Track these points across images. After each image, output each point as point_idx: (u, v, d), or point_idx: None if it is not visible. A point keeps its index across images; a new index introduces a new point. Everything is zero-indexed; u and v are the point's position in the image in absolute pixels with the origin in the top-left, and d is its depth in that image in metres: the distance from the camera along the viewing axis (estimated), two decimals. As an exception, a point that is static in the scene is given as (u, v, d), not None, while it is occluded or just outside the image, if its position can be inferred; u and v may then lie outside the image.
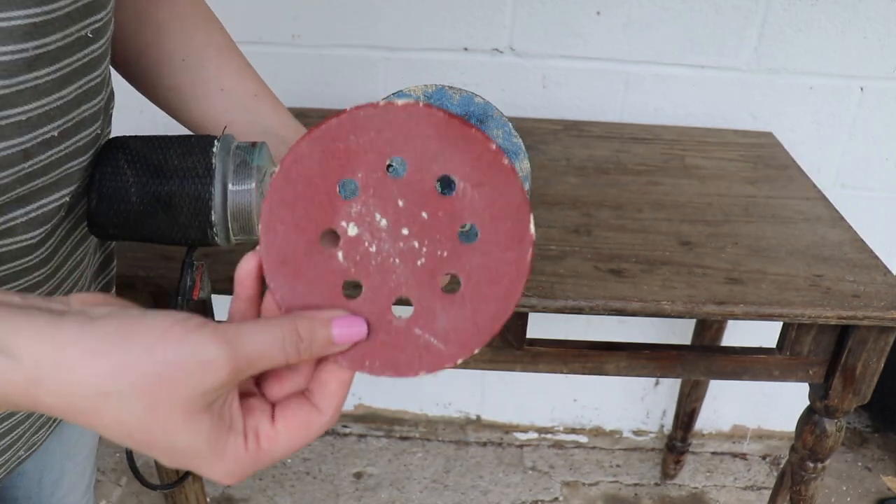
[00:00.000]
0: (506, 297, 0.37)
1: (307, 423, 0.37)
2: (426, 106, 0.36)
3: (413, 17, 1.23)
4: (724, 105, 1.28)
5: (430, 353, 0.37)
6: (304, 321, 0.36)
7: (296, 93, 1.29)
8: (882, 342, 0.86)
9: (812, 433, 0.94)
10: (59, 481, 0.67)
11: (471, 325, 0.37)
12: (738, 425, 1.67)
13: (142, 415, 0.33)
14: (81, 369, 0.32)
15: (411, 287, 0.37)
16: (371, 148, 0.36)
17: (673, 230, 0.95)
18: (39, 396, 0.32)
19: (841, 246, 0.93)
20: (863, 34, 1.21)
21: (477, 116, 0.51)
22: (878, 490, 1.59)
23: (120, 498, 1.52)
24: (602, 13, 1.21)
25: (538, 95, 1.29)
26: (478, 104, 0.51)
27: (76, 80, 0.46)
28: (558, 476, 1.61)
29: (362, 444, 1.66)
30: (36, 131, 0.44)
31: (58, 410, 0.33)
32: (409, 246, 0.37)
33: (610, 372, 0.91)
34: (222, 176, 0.50)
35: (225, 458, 0.35)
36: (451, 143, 0.36)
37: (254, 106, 0.59)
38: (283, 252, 0.37)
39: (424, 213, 0.37)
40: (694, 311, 0.82)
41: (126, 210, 0.50)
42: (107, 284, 0.63)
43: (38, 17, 0.41)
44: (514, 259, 0.37)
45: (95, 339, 0.32)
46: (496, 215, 0.36)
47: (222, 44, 0.61)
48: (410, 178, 0.36)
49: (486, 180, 0.36)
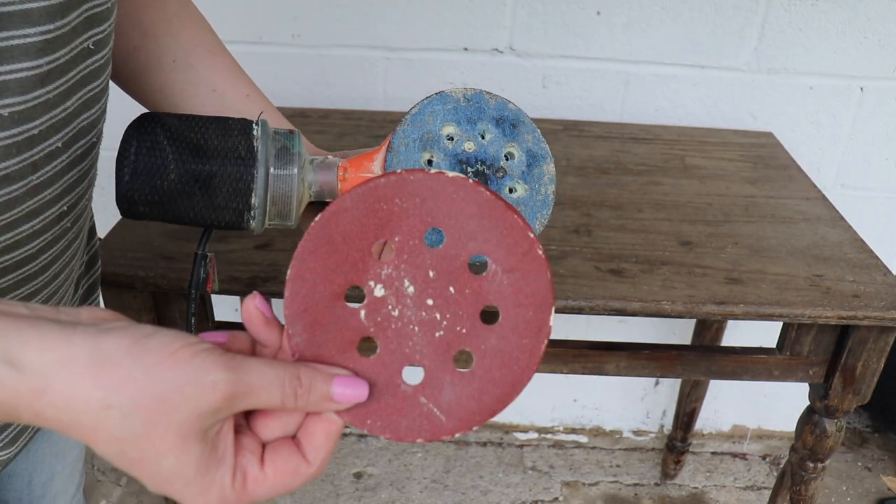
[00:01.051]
0: (514, 382, 0.37)
1: (295, 471, 0.37)
2: (475, 183, 0.36)
3: (413, 17, 1.23)
4: (724, 105, 1.28)
5: (430, 422, 0.37)
6: (308, 369, 0.37)
7: (296, 93, 1.29)
8: (882, 342, 0.86)
9: (812, 433, 0.94)
10: (49, 483, 0.67)
11: (475, 403, 0.37)
12: (738, 425, 1.67)
13: (139, 432, 0.33)
14: (87, 382, 0.32)
15: (425, 356, 0.38)
16: (414, 214, 0.37)
17: (673, 230, 0.95)
18: (43, 409, 0.32)
19: (841, 246, 0.93)
20: (863, 34, 1.21)
21: (510, 121, 0.52)
22: (878, 490, 1.59)
23: (120, 498, 1.52)
24: (602, 13, 1.21)
25: (538, 95, 1.29)
26: (511, 110, 0.52)
27: (78, 91, 0.47)
28: (558, 476, 1.61)
29: (362, 444, 1.66)
30: (44, 143, 0.44)
31: (59, 423, 0.33)
32: (431, 317, 0.37)
33: (610, 372, 0.91)
34: (265, 159, 0.49)
35: (211, 490, 0.35)
36: (492, 225, 0.37)
37: (246, 106, 0.59)
38: (307, 300, 0.38)
39: (452, 287, 0.37)
40: (694, 311, 0.82)
41: (162, 188, 0.49)
42: (92, 285, 0.64)
43: (51, 34, 0.42)
44: (529, 347, 0.37)
45: (104, 353, 0.32)
46: (521, 302, 0.37)
47: (213, 45, 0.61)
48: (445, 252, 0.37)
49: (518, 267, 0.37)
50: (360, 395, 0.37)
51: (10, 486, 0.64)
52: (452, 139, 0.51)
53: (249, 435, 0.37)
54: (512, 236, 0.37)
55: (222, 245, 0.86)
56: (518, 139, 0.52)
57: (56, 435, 0.65)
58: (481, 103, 0.52)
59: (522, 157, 0.52)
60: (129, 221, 0.91)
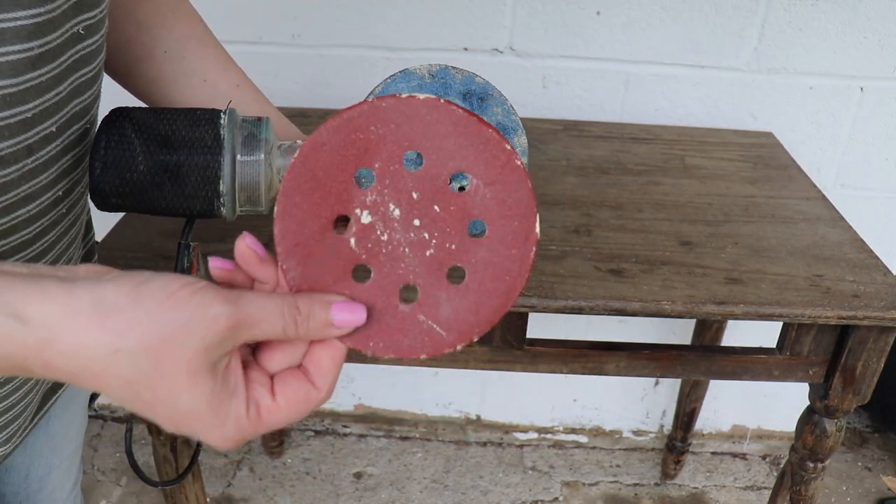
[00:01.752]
0: (507, 291, 0.38)
1: (306, 398, 0.38)
2: (447, 102, 0.37)
3: (413, 17, 1.23)
4: (724, 105, 1.28)
5: (431, 338, 0.39)
6: (305, 298, 0.38)
7: (296, 93, 1.29)
8: (882, 342, 0.86)
9: (812, 433, 0.94)
10: (46, 477, 0.68)
11: (472, 315, 0.38)
12: (737, 425, 1.67)
13: (149, 372, 0.34)
14: (93, 329, 0.33)
15: (419, 275, 0.39)
16: (391, 140, 0.37)
17: (673, 230, 0.95)
18: (52, 359, 0.33)
19: (841, 246, 0.93)
20: (863, 34, 1.21)
21: (478, 94, 0.52)
22: (878, 490, 1.60)
23: (120, 498, 1.52)
24: (602, 13, 1.21)
25: (538, 95, 1.29)
26: (479, 83, 0.52)
27: (70, 76, 0.47)
28: (558, 476, 1.61)
29: (362, 444, 1.66)
30: (38, 127, 0.45)
31: (68, 373, 0.34)
32: (420, 237, 0.38)
33: (610, 372, 0.91)
34: (231, 147, 0.50)
35: (227, 423, 0.36)
36: (469, 142, 0.37)
37: (237, 96, 0.60)
38: (297, 235, 0.39)
39: (437, 206, 0.38)
40: (694, 311, 0.82)
41: (132, 179, 0.50)
42: None
43: (41, 17, 0.42)
44: (519, 256, 0.38)
45: (107, 301, 0.34)
46: (505, 213, 0.38)
47: (204, 36, 0.62)
48: (426, 173, 0.38)
49: (499, 179, 0.37)
50: (359, 319, 0.38)
51: (7, 479, 0.64)
52: None
53: (257, 369, 0.38)
54: (489, 150, 0.37)
55: (221, 245, 0.86)
56: (487, 112, 0.52)
57: (53, 429, 0.65)
58: (447, 78, 0.52)
59: None
60: (129, 221, 0.91)
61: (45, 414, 0.61)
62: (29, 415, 0.56)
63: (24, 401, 0.54)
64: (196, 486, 1.06)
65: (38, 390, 0.56)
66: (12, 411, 0.53)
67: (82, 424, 0.72)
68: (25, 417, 0.55)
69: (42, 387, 0.57)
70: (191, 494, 1.06)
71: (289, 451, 1.64)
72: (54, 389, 0.61)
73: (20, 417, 0.54)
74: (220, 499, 1.53)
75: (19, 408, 0.54)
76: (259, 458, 1.62)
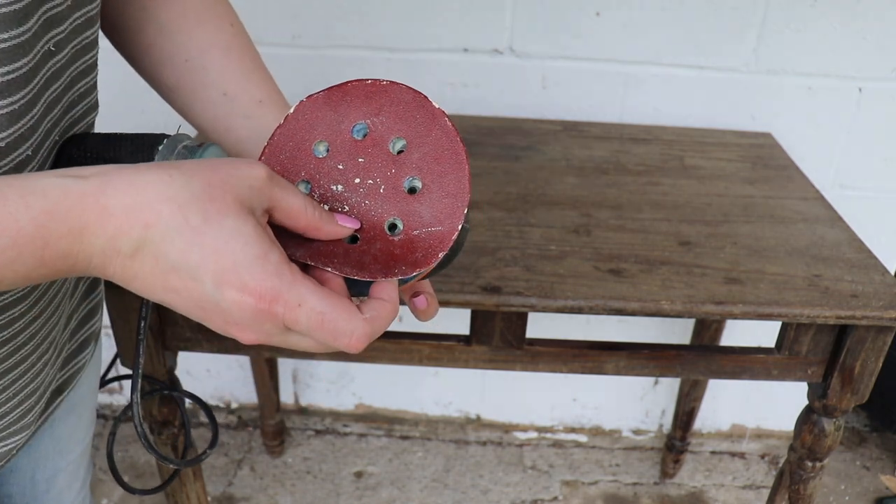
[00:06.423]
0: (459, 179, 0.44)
1: (392, 310, 0.43)
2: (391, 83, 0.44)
3: (413, 18, 1.23)
4: (723, 105, 1.29)
5: (435, 238, 0.44)
6: None
7: (296, 93, 1.29)
8: (880, 342, 0.86)
9: (811, 432, 0.95)
10: (52, 479, 0.68)
11: (450, 201, 0.44)
12: (736, 424, 1.68)
13: (200, 194, 0.38)
14: (148, 169, 0.38)
15: (388, 209, 0.44)
16: (332, 129, 0.45)
17: (672, 230, 0.95)
18: (108, 200, 0.37)
19: (839, 246, 0.94)
20: (862, 35, 1.22)
21: None
22: (876, 489, 1.60)
23: (121, 498, 1.52)
24: (602, 13, 1.22)
25: (538, 96, 1.29)
26: None
27: (69, 67, 0.49)
28: (558, 475, 1.61)
29: (363, 444, 1.67)
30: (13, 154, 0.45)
31: (122, 209, 0.37)
32: (370, 185, 0.45)
33: (609, 371, 0.91)
34: None
35: (269, 255, 0.38)
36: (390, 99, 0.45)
37: (256, 112, 0.58)
38: None
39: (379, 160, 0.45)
40: (693, 310, 0.82)
41: None
42: (94, 281, 0.64)
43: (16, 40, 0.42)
44: (454, 151, 0.44)
45: (150, 167, 0.39)
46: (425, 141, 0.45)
47: (230, 44, 0.59)
48: (369, 141, 0.45)
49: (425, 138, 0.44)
50: (355, 223, 0.44)
51: (12, 480, 0.64)
52: None
53: None
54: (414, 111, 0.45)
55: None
56: None
57: (59, 432, 0.66)
58: None
59: None
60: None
61: (51, 416, 0.61)
62: (38, 411, 0.56)
63: (36, 391, 0.54)
64: (197, 485, 1.06)
65: (48, 385, 0.56)
66: (20, 401, 0.53)
67: (89, 428, 0.72)
68: (35, 413, 0.55)
69: (50, 384, 0.57)
70: (192, 493, 1.06)
71: (289, 450, 1.64)
72: (59, 391, 0.61)
73: (32, 411, 0.54)
74: (221, 498, 1.53)
75: (31, 401, 0.54)
76: (260, 458, 1.62)
